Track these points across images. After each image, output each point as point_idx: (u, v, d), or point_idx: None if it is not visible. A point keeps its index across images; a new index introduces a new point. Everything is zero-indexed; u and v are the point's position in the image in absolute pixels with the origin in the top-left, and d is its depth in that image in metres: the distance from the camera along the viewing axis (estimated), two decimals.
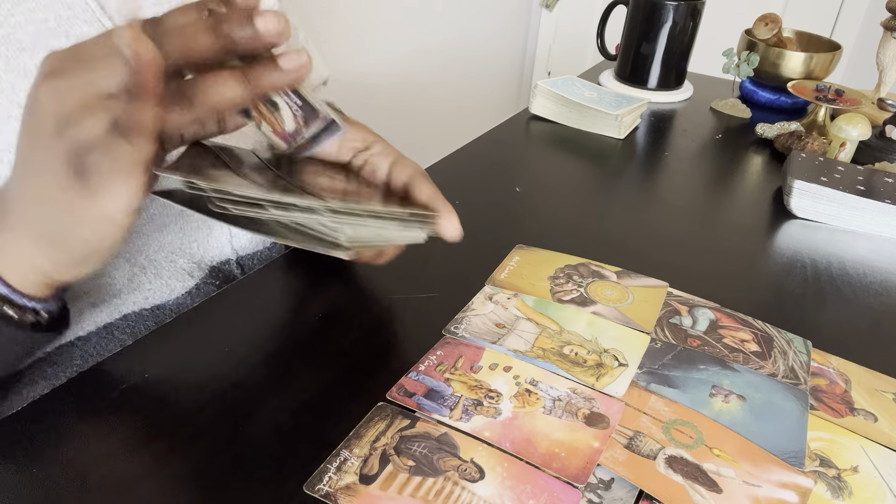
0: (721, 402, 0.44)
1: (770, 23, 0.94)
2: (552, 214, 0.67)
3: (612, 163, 0.81)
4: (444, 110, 1.78)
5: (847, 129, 0.76)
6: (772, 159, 0.83)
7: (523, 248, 0.59)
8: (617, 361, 0.46)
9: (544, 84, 0.89)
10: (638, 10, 0.99)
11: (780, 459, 0.40)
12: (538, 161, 0.80)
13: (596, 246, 0.60)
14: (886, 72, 0.93)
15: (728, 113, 0.97)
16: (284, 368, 0.44)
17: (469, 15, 1.77)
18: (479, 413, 0.41)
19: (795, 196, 0.68)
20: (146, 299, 0.52)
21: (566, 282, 0.54)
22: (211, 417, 0.40)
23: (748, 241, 0.64)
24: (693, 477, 0.38)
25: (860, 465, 0.40)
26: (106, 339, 0.50)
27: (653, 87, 1.02)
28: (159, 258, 0.52)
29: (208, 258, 0.56)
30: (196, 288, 0.55)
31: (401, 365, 0.45)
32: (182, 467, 0.37)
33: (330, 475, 0.37)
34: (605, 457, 0.39)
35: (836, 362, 0.48)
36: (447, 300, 0.51)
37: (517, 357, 0.46)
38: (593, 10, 2.05)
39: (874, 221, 0.66)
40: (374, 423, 0.40)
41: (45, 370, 0.48)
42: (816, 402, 0.44)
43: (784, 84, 0.93)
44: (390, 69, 1.56)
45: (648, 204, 0.71)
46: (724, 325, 0.51)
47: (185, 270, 0.54)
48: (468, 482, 0.37)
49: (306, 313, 0.50)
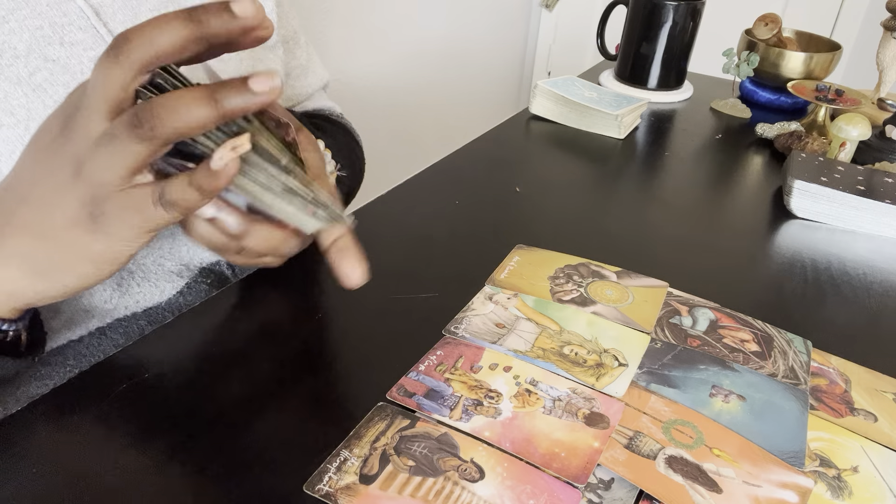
0: (721, 402, 0.44)
1: (770, 23, 0.94)
2: (552, 214, 0.67)
3: (612, 163, 0.81)
4: (444, 110, 1.78)
5: (847, 129, 0.76)
6: (772, 159, 0.83)
7: (523, 248, 0.59)
8: (617, 361, 0.46)
9: (544, 84, 0.89)
10: (638, 10, 0.99)
11: (780, 459, 0.40)
12: (538, 161, 0.80)
13: (596, 246, 0.60)
14: (886, 72, 0.93)
15: (728, 113, 0.97)
16: (284, 368, 0.44)
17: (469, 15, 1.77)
18: (479, 413, 0.41)
19: (795, 196, 0.68)
20: (137, 303, 0.52)
21: (566, 282, 0.54)
22: (211, 417, 0.40)
23: (748, 241, 0.64)
24: (693, 477, 0.38)
25: (860, 465, 0.40)
26: (99, 340, 0.50)
27: (653, 87, 1.02)
28: (147, 262, 0.52)
29: (197, 260, 0.55)
30: (187, 287, 0.54)
31: (401, 365, 0.45)
32: (182, 467, 0.37)
33: (330, 475, 0.37)
34: (605, 457, 0.39)
35: (836, 362, 0.48)
36: (447, 300, 0.51)
37: (517, 357, 0.46)
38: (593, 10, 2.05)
39: (874, 221, 0.66)
40: (374, 423, 0.40)
41: (39, 370, 0.48)
42: (816, 402, 0.44)
43: (784, 84, 0.93)
44: (390, 69, 1.56)
45: (648, 204, 0.71)
46: (724, 325, 0.51)
47: (173, 272, 0.54)
48: (468, 482, 0.37)
49: (306, 313, 0.50)
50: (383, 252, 0.58)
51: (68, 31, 0.44)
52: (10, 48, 0.42)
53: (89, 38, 0.45)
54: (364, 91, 1.48)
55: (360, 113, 0.76)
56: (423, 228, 0.63)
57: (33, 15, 0.43)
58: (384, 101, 1.55)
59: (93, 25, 0.45)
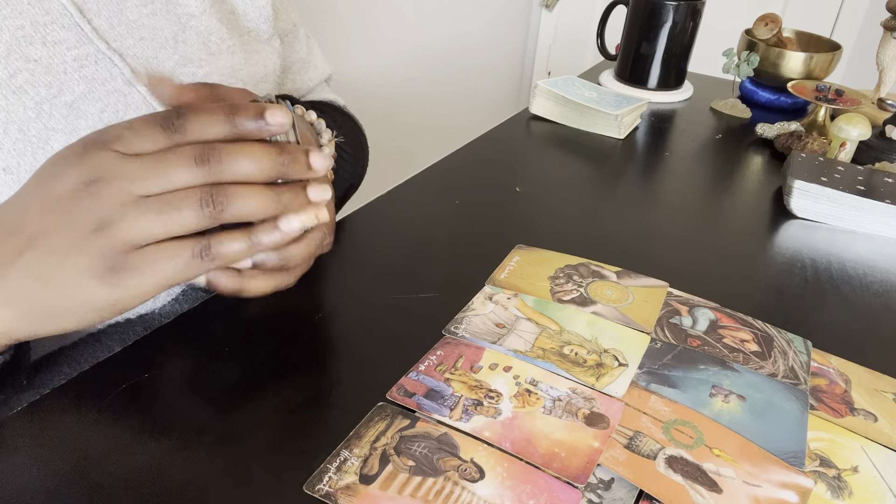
0: (721, 402, 0.44)
1: (770, 23, 0.94)
2: (552, 214, 0.67)
3: (612, 163, 0.81)
4: (444, 110, 1.78)
5: (847, 129, 0.76)
6: (772, 159, 0.83)
7: (523, 248, 0.59)
8: (617, 361, 0.46)
9: (544, 84, 0.89)
10: (638, 10, 0.99)
11: (780, 459, 0.40)
12: (538, 161, 0.80)
13: (596, 246, 0.60)
14: (886, 72, 0.93)
15: (728, 113, 0.97)
16: (284, 368, 0.44)
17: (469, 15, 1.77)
18: (479, 413, 0.41)
19: (795, 196, 0.68)
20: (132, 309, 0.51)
21: (566, 282, 0.54)
22: (210, 417, 0.40)
23: (748, 241, 0.64)
24: (693, 477, 0.38)
25: (860, 465, 0.40)
26: (94, 347, 0.49)
27: (653, 87, 1.02)
28: None
29: None
30: (182, 294, 0.54)
31: (401, 365, 0.45)
32: (182, 467, 0.37)
33: (330, 475, 0.37)
34: (605, 457, 0.39)
35: (836, 362, 0.48)
36: (447, 300, 0.51)
37: (517, 357, 0.46)
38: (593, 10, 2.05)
39: (874, 221, 0.66)
40: (374, 423, 0.40)
41: (33, 378, 0.47)
42: (816, 402, 0.44)
43: (784, 84, 0.93)
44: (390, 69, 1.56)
45: (648, 204, 0.71)
46: (724, 325, 0.51)
47: None
48: (468, 482, 0.37)
49: (306, 313, 0.50)
50: (383, 252, 0.58)
51: (51, 30, 0.43)
52: None
53: (73, 37, 0.44)
54: (364, 91, 1.48)
55: (360, 113, 0.76)
56: (423, 228, 0.63)
57: (14, 14, 0.42)
58: (384, 101, 1.55)
59: (76, 23, 0.44)
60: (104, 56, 0.46)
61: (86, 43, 0.45)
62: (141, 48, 0.48)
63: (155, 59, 0.49)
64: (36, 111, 0.42)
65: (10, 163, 0.41)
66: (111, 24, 0.47)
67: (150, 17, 0.49)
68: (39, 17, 0.43)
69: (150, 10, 0.49)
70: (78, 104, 0.44)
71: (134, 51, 0.48)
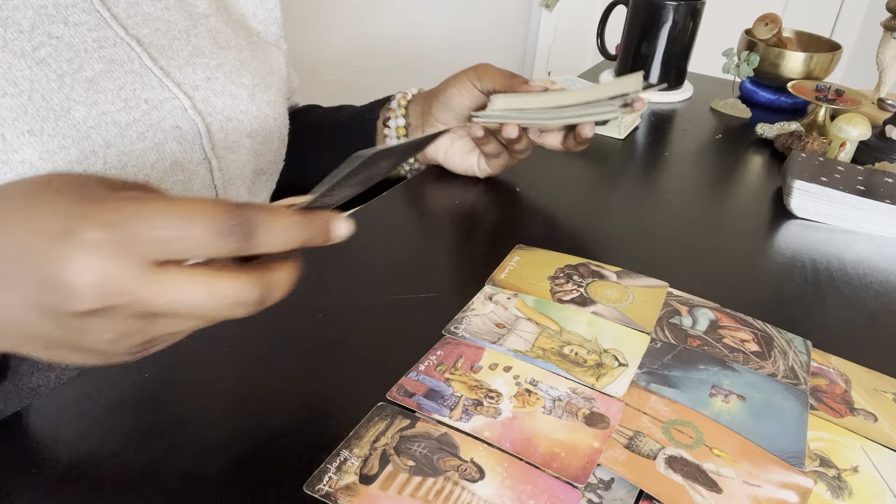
0: (721, 402, 0.44)
1: (770, 23, 0.94)
2: (552, 214, 0.67)
3: (612, 163, 0.81)
4: None
5: (847, 129, 0.76)
6: (772, 159, 0.83)
7: (523, 248, 0.59)
8: (617, 361, 0.46)
9: None
10: (638, 10, 0.99)
11: (780, 459, 0.40)
12: (538, 161, 0.80)
13: (596, 246, 0.60)
14: (886, 72, 0.93)
15: (728, 113, 0.97)
16: (284, 368, 0.44)
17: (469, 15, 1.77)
18: (479, 413, 0.41)
19: (795, 196, 0.68)
20: None
21: (566, 282, 0.54)
22: (210, 417, 0.40)
23: (748, 241, 0.64)
24: (693, 477, 0.38)
25: (860, 465, 0.40)
26: None
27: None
28: None
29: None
30: None
31: (401, 365, 0.45)
32: (182, 467, 0.37)
33: (330, 475, 0.37)
34: (605, 457, 0.39)
35: (836, 362, 0.48)
36: (447, 300, 0.51)
37: (517, 357, 0.46)
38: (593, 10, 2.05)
39: (874, 221, 0.66)
40: (374, 423, 0.40)
41: (38, 362, 0.48)
42: (816, 402, 0.44)
43: (784, 84, 0.93)
44: (390, 69, 1.56)
45: (648, 204, 0.71)
46: (724, 325, 0.51)
47: None
48: (468, 482, 0.37)
49: (306, 313, 0.50)
50: (383, 252, 0.58)
51: (72, 12, 0.46)
52: (14, 24, 0.43)
53: (92, 20, 0.47)
54: (364, 91, 1.48)
55: None
56: (423, 228, 0.63)
57: None
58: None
59: (96, 9, 0.47)
60: (121, 40, 0.48)
61: (104, 27, 0.47)
62: (157, 37, 0.51)
63: (170, 48, 0.52)
64: (58, 83, 0.44)
65: (35, 126, 0.43)
66: (128, 13, 0.49)
67: (164, 11, 0.52)
68: (61, 0, 0.45)
69: (164, 5, 0.52)
70: (97, 80, 0.46)
71: (150, 39, 0.50)
